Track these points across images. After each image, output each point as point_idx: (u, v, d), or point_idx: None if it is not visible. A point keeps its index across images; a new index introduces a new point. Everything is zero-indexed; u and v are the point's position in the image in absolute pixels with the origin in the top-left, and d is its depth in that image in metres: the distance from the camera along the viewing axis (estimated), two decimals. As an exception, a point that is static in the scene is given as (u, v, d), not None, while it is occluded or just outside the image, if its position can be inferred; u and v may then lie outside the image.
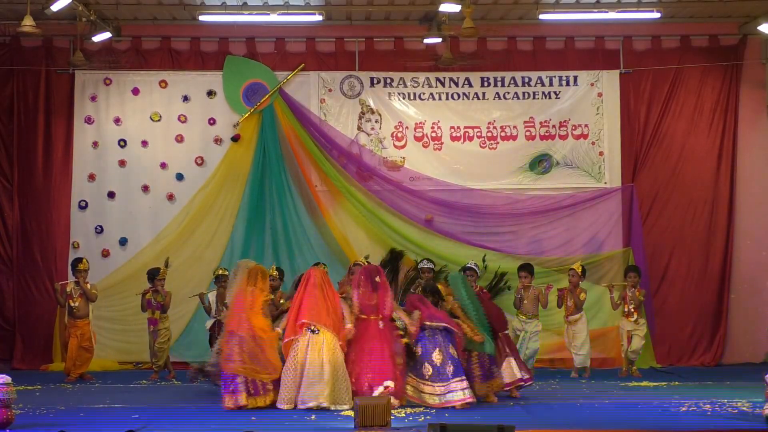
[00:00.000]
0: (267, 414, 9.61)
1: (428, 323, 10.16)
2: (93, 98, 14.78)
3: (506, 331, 11.26)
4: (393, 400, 9.43)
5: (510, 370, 10.77)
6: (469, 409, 9.82)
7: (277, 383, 10.04)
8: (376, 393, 9.66)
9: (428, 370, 10.03)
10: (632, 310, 13.32)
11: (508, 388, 10.71)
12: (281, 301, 11.54)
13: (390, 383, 9.75)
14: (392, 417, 8.86)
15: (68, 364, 12.88)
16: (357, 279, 10.51)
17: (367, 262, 12.70)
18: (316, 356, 9.86)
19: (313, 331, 9.96)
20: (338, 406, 9.77)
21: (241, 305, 10.24)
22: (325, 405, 9.73)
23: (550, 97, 14.97)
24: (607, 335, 14.13)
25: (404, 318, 10.25)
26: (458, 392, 9.93)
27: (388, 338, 10.15)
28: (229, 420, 9.20)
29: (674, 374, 13.25)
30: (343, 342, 10.08)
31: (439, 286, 10.84)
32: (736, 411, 9.57)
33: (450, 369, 10.00)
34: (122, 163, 14.75)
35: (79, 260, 13.19)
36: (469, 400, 9.93)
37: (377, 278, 10.36)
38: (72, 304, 12.94)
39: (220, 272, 12.87)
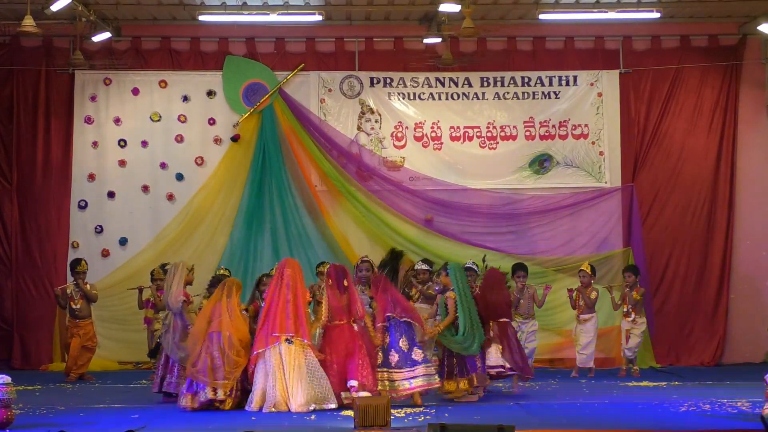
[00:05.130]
0: (267, 414, 9.60)
1: (391, 314, 10.22)
2: (93, 98, 14.78)
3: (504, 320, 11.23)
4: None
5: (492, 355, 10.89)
6: (468, 407, 9.85)
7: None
8: (344, 397, 9.81)
9: (395, 357, 10.10)
10: (630, 310, 13.32)
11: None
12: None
13: (354, 382, 9.80)
14: (392, 417, 8.86)
15: (69, 363, 12.86)
16: (327, 279, 10.41)
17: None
18: (291, 363, 9.85)
19: (288, 342, 9.90)
20: (311, 407, 9.75)
21: (221, 316, 10.23)
22: (293, 408, 9.69)
23: (550, 97, 14.97)
24: (607, 335, 14.11)
25: (369, 325, 10.23)
26: (422, 377, 10.06)
27: (364, 339, 10.13)
28: (229, 420, 9.19)
29: (674, 374, 13.25)
30: (309, 340, 10.03)
31: (441, 279, 10.94)
32: (736, 411, 9.57)
33: (418, 355, 10.13)
34: (122, 163, 14.75)
35: (77, 262, 13.18)
36: (426, 387, 10.07)
37: (345, 282, 10.34)
38: (74, 306, 12.94)
39: (221, 272, 12.85)
